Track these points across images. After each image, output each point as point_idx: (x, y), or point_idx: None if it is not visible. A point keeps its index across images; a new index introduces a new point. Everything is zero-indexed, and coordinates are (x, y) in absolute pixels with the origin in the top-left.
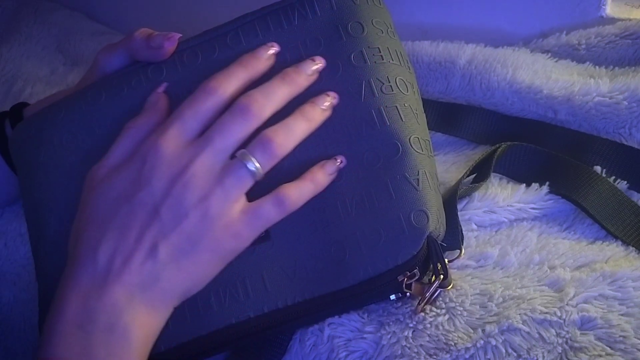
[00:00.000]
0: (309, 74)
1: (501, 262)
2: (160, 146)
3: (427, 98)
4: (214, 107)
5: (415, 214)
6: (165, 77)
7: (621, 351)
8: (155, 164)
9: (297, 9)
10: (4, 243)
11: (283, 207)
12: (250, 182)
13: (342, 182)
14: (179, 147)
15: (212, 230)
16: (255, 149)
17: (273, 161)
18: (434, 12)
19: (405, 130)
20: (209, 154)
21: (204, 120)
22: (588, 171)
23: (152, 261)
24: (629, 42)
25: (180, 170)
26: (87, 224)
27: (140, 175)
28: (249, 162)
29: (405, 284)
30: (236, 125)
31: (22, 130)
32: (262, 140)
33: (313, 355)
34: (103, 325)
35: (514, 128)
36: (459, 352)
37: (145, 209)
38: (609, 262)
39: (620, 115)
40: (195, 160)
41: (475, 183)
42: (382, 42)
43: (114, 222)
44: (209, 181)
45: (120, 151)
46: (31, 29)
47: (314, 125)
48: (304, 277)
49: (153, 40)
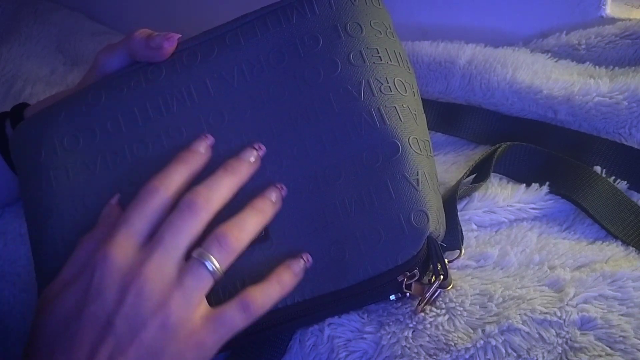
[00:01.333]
0: (251, 161)
1: (501, 262)
2: (108, 253)
3: (427, 98)
4: (159, 207)
5: (415, 214)
6: (164, 77)
7: (621, 351)
8: (104, 273)
9: (296, 8)
10: (3, 243)
11: (249, 312)
12: (210, 283)
13: (341, 181)
14: (129, 252)
15: (174, 341)
16: (211, 246)
17: (231, 257)
18: (434, 12)
19: (404, 130)
20: (161, 254)
21: (151, 222)
22: (588, 171)
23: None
24: (629, 42)
25: (133, 276)
26: (36, 347)
27: (89, 287)
28: (207, 260)
29: (405, 284)
30: (185, 221)
31: (23, 130)
32: (217, 237)
33: (313, 356)
34: None
35: (514, 128)
36: (459, 352)
37: (98, 322)
38: (609, 262)
39: (620, 115)
40: (148, 264)
41: (475, 183)
42: (380, 43)
43: (62, 342)
44: (165, 285)
45: (72, 266)
46: (31, 29)
47: (266, 217)
48: (303, 277)
49: (153, 40)
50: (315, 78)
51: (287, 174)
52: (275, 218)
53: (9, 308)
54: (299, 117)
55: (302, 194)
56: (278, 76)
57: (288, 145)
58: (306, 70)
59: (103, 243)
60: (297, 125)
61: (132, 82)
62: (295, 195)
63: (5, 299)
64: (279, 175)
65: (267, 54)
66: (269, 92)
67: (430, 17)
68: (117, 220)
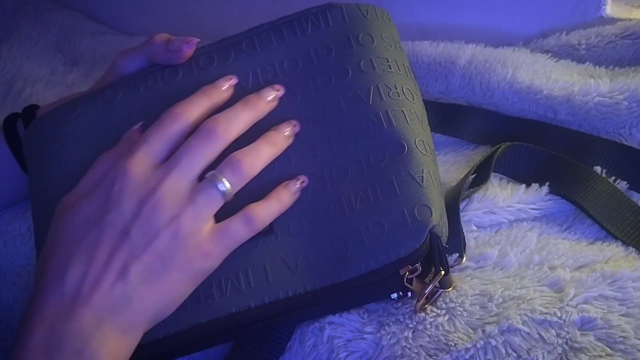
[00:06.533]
0: (269, 100)
1: (501, 262)
2: (127, 169)
3: (427, 98)
4: (179, 132)
5: (419, 208)
6: (181, 78)
7: (621, 352)
8: (123, 186)
9: (311, 19)
10: (3, 243)
11: (251, 225)
12: (220, 202)
13: (347, 180)
14: (147, 169)
15: (184, 250)
16: (225, 169)
17: (243, 182)
18: (434, 12)
19: (410, 132)
20: (177, 174)
21: (170, 144)
22: (588, 171)
23: (123, 283)
24: (629, 42)
25: (149, 191)
26: (54, 249)
27: (108, 198)
28: (219, 182)
29: (406, 278)
30: (203, 146)
31: (38, 124)
32: (231, 162)
33: (313, 356)
34: (70, 352)
35: (514, 128)
36: (459, 352)
37: (115, 230)
38: (609, 262)
39: (620, 115)
40: (164, 181)
41: (475, 185)
42: (390, 54)
43: (82, 245)
44: (178, 201)
45: (90, 179)
46: (31, 29)
47: (278, 149)
48: (306, 270)
49: (172, 44)
50: (327, 84)
51: (294, 172)
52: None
53: (9, 308)
54: (309, 119)
55: (309, 191)
56: (291, 81)
57: (297, 145)
58: (318, 76)
59: (123, 159)
60: (307, 126)
61: (149, 81)
62: (302, 192)
63: (5, 299)
64: (287, 174)
65: (282, 60)
66: (282, 97)
67: (430, 17)
68: (138, 140)
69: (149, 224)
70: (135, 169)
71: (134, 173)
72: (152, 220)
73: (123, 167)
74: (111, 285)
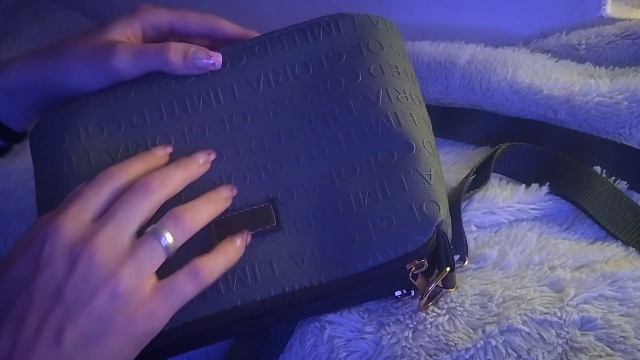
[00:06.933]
0: (201, 163)
1: (500, 262)
2: (59, 225)
3: (427, 99)
4: (115, 188)
5: (427, 203)
6: (194, 79)
7: (621, 352)
8: (54, 244)
9: (323, 27)
10: (3, 243)
11: (198, 279)
12: (163, 257)
13: (355, 177)
14: (81, 225)
15: (125, 309)
16: (167, 223)
17: (185, 236)
18: (434, 12)
19: (419, 133)
20: (114, 227)
21: (106, 199)
22: (588, 171)
23: (57, 350)
24: (629, 42)
25: (84, 246)
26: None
27: (39, 257)
28: (162, 236)
29: (412, 273)
30: (139, 200)
31: (48, 119)
32: (173, 215)
33: (313, 356)
34: None
35: (514, 129)
36: (459, 352)
37: (46, 293)
38: (609, 262)
39: (620, 115)
40: (100, 235)
41: (475, 186)
42: (399, 62)
43: (10, 313)
44: (117, 256)
45: (23, 240)
46: (31, 29)
47: (218, 210)
48: (312, 265)
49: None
50: (337, 87)
51: (303, 170)
52: (289, 210)
53: None
54: (319, 120)
55: (317, 189)
56: (302, 85)
57: (307, 145)
58: (329, 80)
59: (54, 216)
60: (316, 127)
61: (162, 81)
62: (309, 191)
63: None
64: (296, 172)
65: (293, 65)
66: (292, 99)
67: (430, 17)
68: (72, 197)
69: (84, 282)
70: (68, 225)
71: (67, 229)
72: (87, 277)
73: (54, 224)
74: (44, 354)
